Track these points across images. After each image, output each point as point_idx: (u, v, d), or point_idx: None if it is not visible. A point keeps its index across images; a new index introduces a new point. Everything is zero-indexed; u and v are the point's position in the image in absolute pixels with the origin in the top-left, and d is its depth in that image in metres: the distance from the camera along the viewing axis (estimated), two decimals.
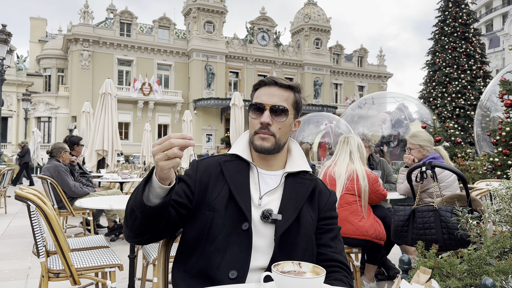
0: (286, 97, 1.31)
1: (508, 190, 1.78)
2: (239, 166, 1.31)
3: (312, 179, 1.34)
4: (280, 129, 1.28)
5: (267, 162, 1.33)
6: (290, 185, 1.29)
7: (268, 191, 1.28)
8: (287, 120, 1.29)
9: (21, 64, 36.11)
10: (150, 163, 17.36)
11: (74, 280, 2.20)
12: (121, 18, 36.64)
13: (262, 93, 1.31)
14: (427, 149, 3.28)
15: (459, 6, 20.87)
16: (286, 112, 1.28)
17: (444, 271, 1.31)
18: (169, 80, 38.37)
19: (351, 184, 2.97)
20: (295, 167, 1.33)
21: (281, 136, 1.29)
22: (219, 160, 1.33)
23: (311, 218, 1.27)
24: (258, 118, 1.29)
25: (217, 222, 1.20)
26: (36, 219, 2.24)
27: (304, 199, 1.27)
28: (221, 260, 1.16)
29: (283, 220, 1.21)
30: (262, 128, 1.27)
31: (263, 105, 1.28)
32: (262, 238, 1.21)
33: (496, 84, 8.43)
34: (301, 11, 44.06)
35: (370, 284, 3.22)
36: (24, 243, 5.02)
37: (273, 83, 1.31)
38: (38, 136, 20.43)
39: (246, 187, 1.25)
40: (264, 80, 1.32)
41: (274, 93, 1.30)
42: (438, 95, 20.17)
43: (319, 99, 42.57)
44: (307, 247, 1.24)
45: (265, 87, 1.32)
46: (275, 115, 1.27)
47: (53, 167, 4.86)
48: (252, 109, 1.31)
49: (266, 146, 1.27)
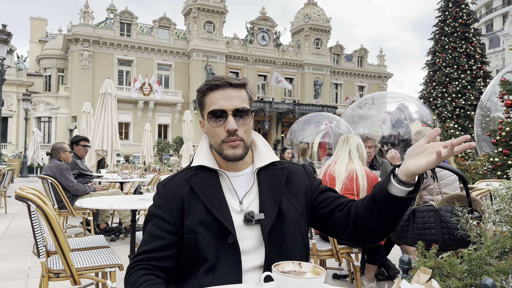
0: (244, 97, 1.22)
1: (508, 190, 1.79)
2: (208, 177, 1.23)
3: (283, 167, 1.29)
4: (246, 131, 1.22)
5: (235, 164, 1.25)
6: (264, 180, 1.24)
7: (245, 193, 1.22)
8: (251, 121, 1.23)
9: (21, 64, 36.13)
10: (150, 163, 17.36)
11: (74, 280, 2.20)
12: (121, 18, 36.66)
13: (218, 97, 1.20)
14: None
15: (459, 6, 20.87)
16: (248, 113, 1.21)
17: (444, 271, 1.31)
18: (169, 80, 38.39)
19: (350, 184, 2.98)
20: (264, 160, 1.27)
21: (248, 138, 1.24)
22: (185, 177, 1.24)
23: (293, 206, 1.23)
24: (222, 126, 1.19)
25: (202, 243, 1.15)
26: (36, 219, 2.24)
27: (281, 191, 1.23)
28: (211, 280, 1.13)
29: (267, 218, 1.17)
30: (230, 135, 1.19)
31: (225, 111, 1.18)
32: (251, 240, 1.18)
33: (496, 84, 8.43)
34: (301, 11, 44.07)
35: (370, 284, 3.22)
36: (24, 243, 5.02)
37: (228, 85, 1.21)
38: (38, 136, 20.45)
39: (220, 199, 1.19)
40: (217, 82, 1.21)
41: (231, 96, 1.20)
42: (438, 95, 20.17)
43: (319, 99, 42.57)
44: (295, 233, 1.21)
45: (219, 90, 1.21)
46: (239, 119, 1.20)
47: (55, 166, 4.87)
48: (212, 117, 1.20)
49: (239, 153, 1.20)
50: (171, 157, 25.94)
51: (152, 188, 3.19)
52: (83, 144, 5.61)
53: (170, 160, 21.96)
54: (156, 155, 30.62)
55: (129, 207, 2.88)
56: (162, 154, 31.48)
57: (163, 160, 27.62)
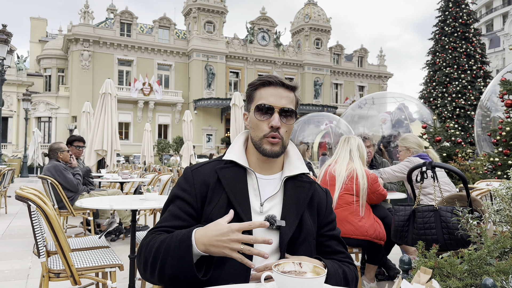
0: (292, 99, 1.26)
1: (508, 190, 1.79)
2: (237, 173, 1.25)
3: (311, 182, 1.30)
4: (286, 132, 1.25)
5: (266, 166, 1.28)
6: (290, 190, 1.25)
7: (268, 196, 1.23)
8: (293, 123, 1.26)
9: (21, 64, 36.13)
10: (150, 163, 17.35)
11: (74, 280, 2.20)
12: (121, 18, 36.67)
13: (269, 93, 1.24)
14: (412, 150, 3.48)
15: (459, 6, 20.85)
16: (294, 115, 1.25)
17: (445, 271, 1.31)
18: (169, 80, 38.39)
19: (350, 183, 2.98)
20: (294, 169, 1.28)
21: (287, 139, 1.26)
22: (214, 167, 1.26)
23: (310, 224, 1.24)
24: (266, 121, 1.23)
25: None
26: (36, 219, 2.24)
27: (305, 205, 1.24)
28: (219, 274, 1.12)
29: (287, 226, 1.18)
30: (272, 131, 1.22)
31: (273, 108, 1.22)
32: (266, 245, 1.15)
33: (496, 84, 8.43)
34: (301, 11, 44.07)
35: (370, 284, 3.22)
36: (24, 243, 5.02)
37: (280, 84, 1.25)
38: (39, 136, 20.45)
39: (245, 195, 1.21)
40: (270, 80, 1.25)
41: (281, 95, 1.24)
42: (438, 95, 20.15)
43: (319, 99, 42.57)
44: (305, 254, 1.21)
45: (271, 87, 1.25)
46: (284, 118, 1.23)
47: (53, 167, 4.87)
48: (259, 111, 1.24)
49: (276, 150, 1.23)
50: (171, 157, 25.94)
51: (152, 188, 3.19)
52: (76, 145, 5.57)
53: (170, 160, 21.95)
54: (156, 155, 30.64)
55: (129, 207, 2.88)
56: (162, 154, 31.50)
57: (163, 160, 27.63)
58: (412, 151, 3.49)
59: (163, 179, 5.09)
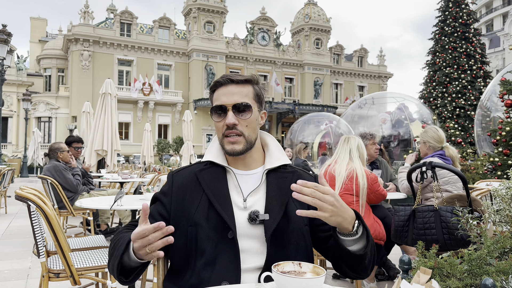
0: (246, 93, 1.26)
1: (508, 190, 1.79)
2: (215, 173, 1.27)
3: (293, 171, 1.30)
4: (247, 126, 1.25)
5: (244, 162, 1.29)
6: (273, 182, 1.26)
7: (251, 191, 1.24)
8: (252, 115, 1.25)
9: (21, 64, 36.14)
10: (150, 163, 17.36)
11: (74, 280, 2.20)
12: (121, 18, 36.67)
13: (221, 93, 1.26)
14: (428, 145, 3.36)
15: (459, 6, 20.84)
16: (249, 108, 1.24)
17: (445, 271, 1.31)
18: (169, 80, 38.39)
19: (350, 184, 2.98)
20: (274, 161, 1.29)
21: (250, 133, 1.26)
22: (194, 170, 1.29)
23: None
24: (222, 121, 1.24)
25: (201, 236, 1.17)
26: (36, 219, 2.24)
27: (289, 194, 1.20)
28: (211, 274, 1.14)
29: (271, 219, 1.18)
30: (228, 129, 1.23)
31: (225, 106, 1.24)
32: (253, 240, 1.18)
33: (496, 84, 8.43)
34: (301, 11, 44.08)
35: (370, 284, 3.22)
36: (24, 243, 5.02)
37: (229, 81, 1.26)
38: (38, 136, 20.46)
39: (225, 194, 1.22)
40: (219, 80, 1.27)
41: (232, 92, 1.25)
42: (438, 95, 20.14)
43: (319, 99, 42.57)
44: (299, 242, 1.21)
45: (222, 87, 1.27)
46: (239, 114, 1.23)
47: (53, 167, 4.87)
48: (214, 113, 1.26)
49: (238, 149, 1.24)
50: (171, 157, 25.94)
51: (152, 188, 3.19)
52: (75, 146, 5.57)
53: (170, 160, 21.96)
54: (156, 155, 30.63)
55: (129, 207, 2.88)
56: (162, 154, 31.50)
57: (163, 160, 27.63)
58: (427, 145, 3.42)
59: (163, 179, 5.10)
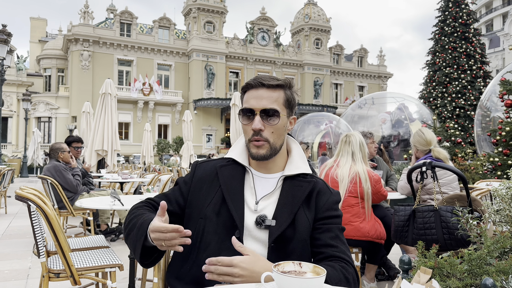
0: (276, 98, 1.23)
1: (508, 190, 1.79)
2: (235, 171, 1.27)
3: (310, 181, 1.27)
4: (273, 133, 1.23)
5: (265, 165, 1.28)
6: (287, 189, 1.24)
7: (264, 195, 1.23)
8: (279, 122, 1.23)
9: (21, 64, 36.12)
10: (150, 163, 17.36)
11: (74, 280, 2.20)
12: (121, 18, 36.67)
13: (250, 96, 1.24)
14: (417, 148, 3.35)
15: (459, 6, 20.85)
16: (277, 114, 1.22)
17: (445, 271, 1.31)
18: (169, 80, 38.39)
19: (353, 187, 2.94)
20: (294, 169, 1.27)
21: (275, 140, 1.24)
22: (216, 165, 1.30)
23: (307, 221, 1.22)
24: (249, 124, 1.23)
25: (208, 230, 1.18)
26: (36, 219, 2.24)
27: (300, 203, 1.21)
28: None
29: (277, 226, 1.17)
30: (255, 135, 1.22)
31: (253, 110, 1.22)
32: (258, 243, 1.18)
33: (496, 84, 8.43)
34: (301, 11, 44.07)
35: (370, 284, 3.22)
36: (24, 243, 5.02)
37: (260, 85, 1.24)
38: (38, 136, 20.46)
39: (239, 193, 1.22)
40: (251, 82, 1.25)
41: (262, 96, 1.22)
42: (438, 95, 20.15)
43: (319, 99, 42.57)
44: (303, 252, 1.20)
45: (253, 89, 1.25)
46: (266, 119, 1.22)
47: (53, 167, 4.87)
48: (242, 115, 1.25)
49: (262, 153, 1.23)
50: (171, 157, 25.93)
51: (152, 188, 3.19)
52: (75, 146, 5.55)
53: (170, 160, 21.95)
54: (156, 155, 30.62)
55: (129, 207, 2.88)
56: (162, 154, 31.50)
57: (163, 160, 27.63)
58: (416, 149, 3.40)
59: (163, 179, 5.10)
